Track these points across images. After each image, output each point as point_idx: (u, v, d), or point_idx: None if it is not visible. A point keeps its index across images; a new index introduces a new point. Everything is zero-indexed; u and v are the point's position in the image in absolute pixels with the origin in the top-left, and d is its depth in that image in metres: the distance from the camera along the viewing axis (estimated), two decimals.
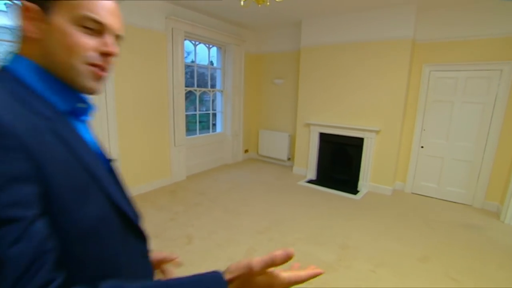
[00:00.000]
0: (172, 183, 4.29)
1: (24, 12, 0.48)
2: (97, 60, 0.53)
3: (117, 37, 0.57)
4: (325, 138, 4.60)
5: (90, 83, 0.54)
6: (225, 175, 4.80)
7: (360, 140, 4.21)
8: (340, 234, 2.95)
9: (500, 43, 3.37)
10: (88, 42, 0.51)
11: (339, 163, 4.66)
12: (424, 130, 3.96)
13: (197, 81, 4.82)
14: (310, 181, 4.60)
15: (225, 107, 5.33)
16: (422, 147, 4.00)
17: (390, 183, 4.12)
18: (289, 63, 5.17)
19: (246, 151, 5.88)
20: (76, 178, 0.48)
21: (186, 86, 4.42)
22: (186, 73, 4.38)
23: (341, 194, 4.09)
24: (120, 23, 0.57)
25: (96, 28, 0.52)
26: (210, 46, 4.89)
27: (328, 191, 4.19)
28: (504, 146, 3.48)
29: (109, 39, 0.54)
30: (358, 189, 4.28)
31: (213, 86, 5.28)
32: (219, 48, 5.09)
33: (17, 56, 0.51)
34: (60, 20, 0.49)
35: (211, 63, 5.11)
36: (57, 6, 0.49)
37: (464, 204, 3.80)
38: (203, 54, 4.91)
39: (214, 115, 5.38)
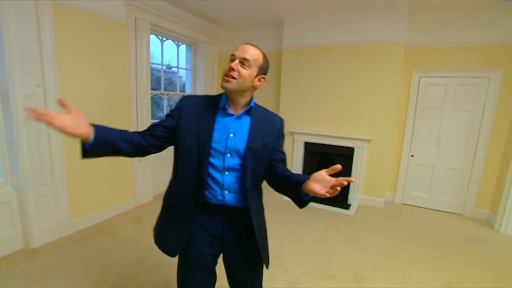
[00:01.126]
0: (137, 206, 3.51)
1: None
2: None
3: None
4: (310, 148, 4.23)
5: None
6: None
7: (350, 150, 3.92)
8: (348, 262, 2.54)
9: (488, 51, 3.34)
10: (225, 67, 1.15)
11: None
12: (414, 138, 3.81)
13: (165, 83, 4.11)
14: None
15: None
16: (412, 156, 3.85)
17: (382, 195, 3.89)
18: (270, 65, 4.72)
19: None
20: (188, 128, 1.15)
21: (152, 89, 3.70)
22: (151, 73, 3.66)
23: (333, 209, 3.73)
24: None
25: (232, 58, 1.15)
26: (180, 43, 4.23)
27: (318, 206, 3.81)
28: (493, 154, 3.46)
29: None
30: (349, 202, 3.98)
31: (182, 90, 4.61)
32: (189, 46, 4.45)
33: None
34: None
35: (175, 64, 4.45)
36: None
37: (455, 214, 3.71)
38: (171, 53, 4.23)
39: None
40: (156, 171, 3.87)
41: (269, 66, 1.20)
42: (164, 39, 3.90)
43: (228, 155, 1.13)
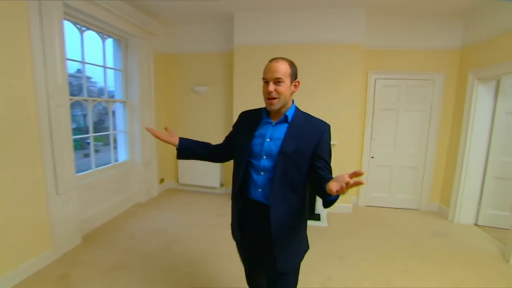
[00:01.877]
0: (59, 257, 2.50)
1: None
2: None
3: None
4: None
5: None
6: (142, 223, 3.28)
7: None
8: (348, 281, 2.23)
9: (432, 55, 3.57)
10: (263, 90, 1.27)
11: None
12: (374, 139, 3.83)
13: (87, 87, 3.15)
14: None
15: (131, 125, 3.79)
16: (372, 157, 3.86)
17: (349, 200, 3.78)
18: (216, 66, 4.18)
19: (161, 180, 4.43)
20: (239, 136, 1.39)
21: (71, 95, 2.74)
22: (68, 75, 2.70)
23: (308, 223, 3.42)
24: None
25: (265, 80, 1.28)
26: (105, 36, 3.32)
27: None
28: (441, 150, 3.71)
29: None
30: (317, 211, 3.74)
31: (111, 95, 3.66)
32: (117, 41, 3.56)
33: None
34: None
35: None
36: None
37: (412, 209, 3.87)
38: (94, 48, 3.27)
39: (116, 137, 3.74)
40: (84, 202, 2.91)
41: (296, 67, 1.28)
42: (84, 29, 2.96)
43: (264, 157, 1.25)
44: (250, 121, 1.36)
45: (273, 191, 1.21)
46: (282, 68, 1.19)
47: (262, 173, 1.25)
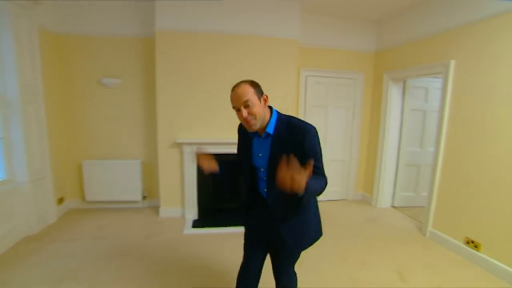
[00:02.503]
0: None
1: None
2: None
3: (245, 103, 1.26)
4: None
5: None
6: (34, 268, 2.31)
7: None
8: None
9: (355, 56, 3.86)
10: (239, 117, 1.33)
11: (226, 188, 3.69)
12: None
13: None
14: (196, 224, 3.28)
15: (6, 128, 2.69)
16: None
17: None
18: (132, 54, 3.43)
19: (60, 200, 3.37)
20: (242, 150, 1.56)
21: None
22: None
23: (237, 230, 3.13)
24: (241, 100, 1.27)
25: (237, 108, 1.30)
26: None
27: (229, 231, 3.11)
28: (363, 144, 4.09)
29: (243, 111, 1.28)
30: None
31: None
32: None
33: None
34: None
35: None
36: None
37: (342, 200, 4.16)
38: None
39: None
40: None
41: (258, 84, 1.34)
42: None
43: (262, 169, 1.43)
44: (246, 136, 1.48)
45: (270, 191, 1.42)
46: (246, 91, 1.26)
47: (265, 178, 1.43)
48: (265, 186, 1.43)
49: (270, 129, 1.33)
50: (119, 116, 3.53)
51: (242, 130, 1.51)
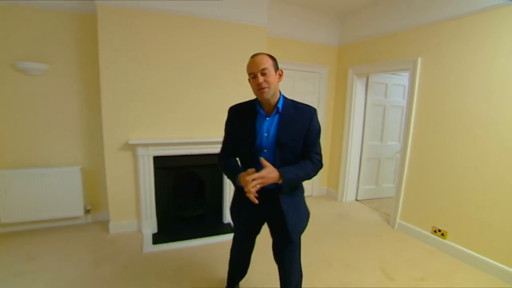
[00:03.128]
0: None
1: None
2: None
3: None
4: (163, 164, 2.93)
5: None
6: None
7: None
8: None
9: (320, 49, 3.76)
10: (253, 84, 1.36)
11: (187, 194, 3.26)
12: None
13: None
14: (157, 239, 2.80)
15: None
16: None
17: None
18: (65, 33, 2.69)
19: None
20: (238, 134, 1.45)
21: None
22: None
23: (211, 240, 2.80)
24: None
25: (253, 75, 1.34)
26: None
27: (197, 243, 2.72)
28: (327, 139, 4.05)
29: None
30: (224, 220, 3.22)
31: None
32: None
33: None
34: None
35: None
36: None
37: (309, 196, 4.01)
38: None
39: None
40: None
41: (275, 59, 1.40)
42: None
43: (265, 150, 1.37)
44: (245, 116, 1.42)
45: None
46: (266, 60, 1.30)
47: (270, 160, 1.34)
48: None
49: (280, 105, 1.37)
50: (47, 112, 2.77)
51: (239, 111, 1.48)
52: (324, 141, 4.06)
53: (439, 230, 2.73)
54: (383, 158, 3.94)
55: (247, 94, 3.08)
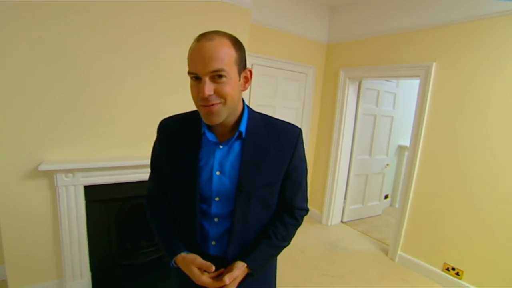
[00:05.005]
0: None
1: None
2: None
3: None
4: (98, 195, 1.99)
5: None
6: None
7: None
8: None
9: (307, 45, 3.11)
10: (193, 91, 0.79)
11: (137, 234, 2.35)
12: None
13: None
14: None
15: None
16: None
17: None
18: None
19: None
20: (170, 166, 0.89)
21: None
22: None
23: None
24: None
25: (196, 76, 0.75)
26: None
27: None
28: (310, 153, 3.45)
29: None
30: None
31: None
32: None
33: None
34: None
35: None
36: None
37: None
38: None
39: None
40: None
41: (243, 46, 0.78)
42: None
43: (216, 199, 0.85)
44: (181, 141, 0.86)
45: (232, 244, 0.86)
46: (222, 52, 0.69)
47: (216, 220, 0.87)
48: (218, 233, 0.88)
49: (243, 127, 0.82)
50: None
51: (172, 131, 0.90)
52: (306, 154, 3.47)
53: (453, 268, 2.32)
54: (371, 174, 3.50)
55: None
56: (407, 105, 3.62)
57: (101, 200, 2.04)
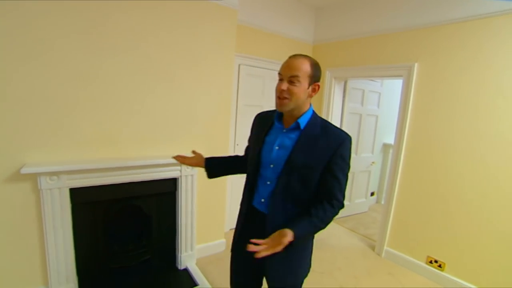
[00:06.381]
0: None
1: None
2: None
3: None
4: (85, 198, 1.95)
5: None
6: None
7: (170, 184, 2.26)
8: None
9: (292, 45, 3.15)
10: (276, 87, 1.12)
11: (126, 236, 2.32)
12: (238, 145, 2.95)
13: None
14: None
15: None
16: None
17: (221, 233, 2.72)
18: None
19: None
20: (253, 141, 1.24)
21: None
22: None
23: None
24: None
25: (280, 78, 1.10)
26: None
27: None
28: None
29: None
30: (180, 265, 2.40)
31: None
32: None
33: None
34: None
35: None
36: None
37: None
38: None
39: None
40: None
41: (321, 70, 1.12)
42: None
43: (271, 166, 1.13)
44: (262, 125, 1.23)
45: (273, 203, 1.12)
46: (302, 67, 1.04)
47: (268, 183, 1.15)
48: (266, 192, 1.15)
49: (302, 122, 1.11)
50: None
51: (261, 119, 1.29)
52: None
53: (436, 261, 2.41)
54: (357, 172, 3.58)
55: (207, 99, 2.16)
56: (391, 104, 3.72)
57: (88, 202, 2.01)
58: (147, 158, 2.09)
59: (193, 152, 1.41)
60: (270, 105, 3.11)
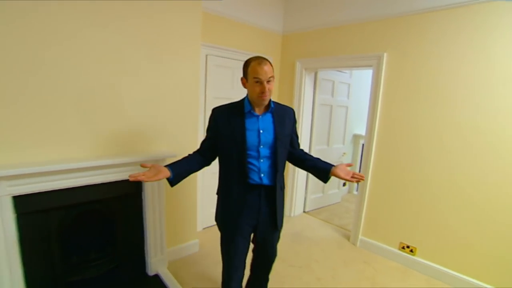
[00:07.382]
0: None
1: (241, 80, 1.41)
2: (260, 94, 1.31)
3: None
4: (34, 206, 1.71)
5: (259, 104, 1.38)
6: None
7: (133, 184, 2.05)
8: None
9: (262, 35, 3.04)
10: (256, 88, 1.31)
11: (86, 245, 2.08)
12: None
13: None
14: None
15: None
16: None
17: (194, 233, 2.57)
18: None
19: None
20: (226, 132, 1.40)
21: None
22: None
23: None
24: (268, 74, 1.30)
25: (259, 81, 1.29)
26: None
27: None
28: None
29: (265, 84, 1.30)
30: (150, 272, 2.22)
31: None
32: None
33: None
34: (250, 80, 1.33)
35: None
36: (248, 76, 1.34)
37: None
38: None
39: None
40: None
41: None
42: None
43: (261, 147, 1.41)
44: (232, 116, 1.42)
45: (274, 172, 1.45)
46: (271, 69, 1.33)
47: (262, 160, 1.42)
48: (265, 167, 1.43)
49: (272, 107, 1.43)
50: None
51: (224, 111, 1.45)
52: None
53: (408, 246, 2.48)
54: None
55: (174, 92, 1.92)
56: (361, 95, 3.77)
57: (38, 211, 1.76)
58: (106, 158, 1.88)
59: (143, 165, 1.31)
60: (240, 97, 2.96)
